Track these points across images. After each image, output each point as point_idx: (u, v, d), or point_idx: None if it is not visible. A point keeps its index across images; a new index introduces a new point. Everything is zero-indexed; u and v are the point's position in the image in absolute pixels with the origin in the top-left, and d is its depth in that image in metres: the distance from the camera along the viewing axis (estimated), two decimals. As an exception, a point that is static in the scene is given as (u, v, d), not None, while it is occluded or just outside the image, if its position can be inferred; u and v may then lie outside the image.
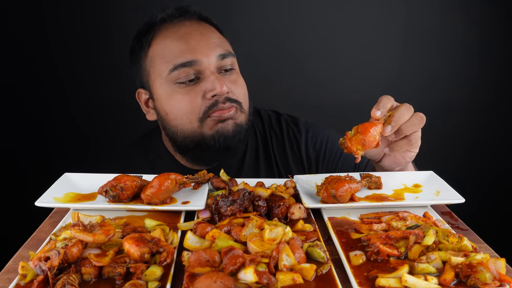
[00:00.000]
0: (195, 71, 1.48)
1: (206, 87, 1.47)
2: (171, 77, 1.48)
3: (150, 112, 1.63)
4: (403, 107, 1.20)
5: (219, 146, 1.51)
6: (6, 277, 0.89)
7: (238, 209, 1.07)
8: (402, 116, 1.18)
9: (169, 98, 1.51)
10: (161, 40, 1.52)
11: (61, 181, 1.24)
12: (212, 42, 1.51)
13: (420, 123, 1.20)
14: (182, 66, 1.47)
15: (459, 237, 0.94)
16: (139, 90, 1.64)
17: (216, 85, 1.45)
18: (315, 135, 1.73)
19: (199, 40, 1.50)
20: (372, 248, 0.92)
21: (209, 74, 1.48)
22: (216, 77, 1.47)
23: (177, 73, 1.48)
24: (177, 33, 1.51)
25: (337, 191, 1.12)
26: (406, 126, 1.19)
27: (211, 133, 1.50)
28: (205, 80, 1.48)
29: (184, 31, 1.52)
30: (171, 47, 1.49)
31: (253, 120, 1.75)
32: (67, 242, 0.86)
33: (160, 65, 1.51)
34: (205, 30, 1.54)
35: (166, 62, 1.49)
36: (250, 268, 0.79)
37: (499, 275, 0.82)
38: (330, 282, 0.83)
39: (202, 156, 1.57)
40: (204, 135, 1.51)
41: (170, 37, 1.51)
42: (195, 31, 1.52)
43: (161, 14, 1.56)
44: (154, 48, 1.53)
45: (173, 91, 1.50)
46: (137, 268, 0.84)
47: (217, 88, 1.45)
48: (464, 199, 1.13)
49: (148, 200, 1.13)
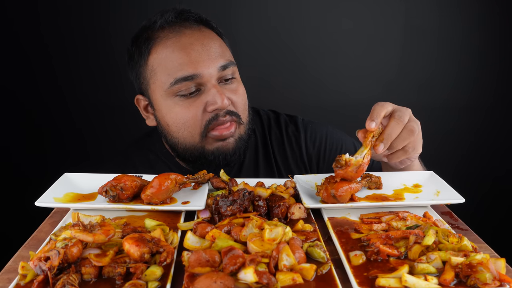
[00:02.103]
0: (196, 83, 1.47)
1: (207, 100, 1.46)
2: (172, 90, 1.47)
3: (150, 117, 1.63)
4: (393, 122, 1.19)
5: (218, 162, 1.52)
6: (6, 277, 0.89)
7: (238, 209, 1.07)
8: (392, 132, 1.18)
9: (170, 111, 1.50)
10: (161, 50, 1.49)
11: (61, 181, 1.24)
12: (213, 52, 1.49)
13: (410, 136, 1.20)
14: (184, 80, 1.45)
15: (459, 237, 0.94)
16: (137, 96, 1.63)
17: (217, 99, 1.45)
18: (314, 132, 1.74)
19: (200, 52, 1.47)
20: (372, 248, 0.92)
21: (210, 87, 1.47)
22: (218, 91, 1.46)
23: (178, 86, 1.46)
24: (178, 43, 1.48)
25: (337, 191, 1.12)
26: (397, 142, 1.20)
27: (212, 149, 1.51)
28: (206, 93, 1.47)
29: (185, 41, 1.49)
30: (172, 58, 1.47)
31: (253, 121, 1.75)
32: (67, 242, 0.86)
33: (161, 77, 1.49)
34: (206, 40, 1.51)
35: (168, 74, 1.47)
36: (250, 268, 0.79)
37: (499, 275, 0.82)
38: (330, 282, 0.84)
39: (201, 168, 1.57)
40: (204, 149, 1.52)
41: (170, 47, 1.48)
42: (196, 41, 1.49)
43: (160, 20, 1.52)
44: (154, 57, 1.51)
45: (174, 103, 1.49)
46: (137, 268, 0.84)
47: (218, 102, 1.45)
48: (464, 199, 1.13)
49: (148, 200, 1.13)
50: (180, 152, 1.57)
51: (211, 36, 1.55)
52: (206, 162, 1.53)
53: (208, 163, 1.53)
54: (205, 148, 1.51)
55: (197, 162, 1.56)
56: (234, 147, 1.52)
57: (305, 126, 1.75)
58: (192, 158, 1.55)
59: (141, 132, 1.84)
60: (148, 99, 1.58)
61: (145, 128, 1.79)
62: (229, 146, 1.51)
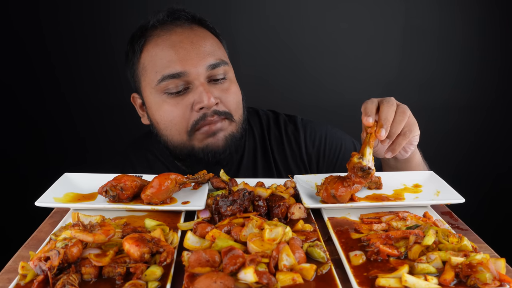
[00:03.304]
0: (184, 82, 1.47)
1: (194, 98, 1.47)
2: (160, 87, 1.48)
3: (145, 116, 1.64)
4: (385, 106, 1.20)
5: (208, 160, 1.52)
6: (6, 277, 0.89)
7: (238, 209, 1.07)
8: (388, 114, 1.19)
9: (158, 108, 1.51)
10: (151, 48, 1.50)
11: (61, 181, 1.24)
12: (202, 51, 1.49)
13: (404, 117, 1.22)
14: (171, 77, 1.46)
15: (459, 237, 0.94)
16: (133, 94, 1.66)
17: (203, 98, 1.44)
18: (313, 132, 1.74)
19: (189, 50, 1.47)
20: (372, 248, 0.92)
21: (198, 85, 1.46)
22: (204, 89, 1.45)
23: (166, 83, 1.47)
24: (167, 41, 1.49)
25: (337, 191, 1.12)
26: (394, 127, 1.21)
27: (201, 147, 1.51)
28: (193, 91, 1.47)
29: (175, 39, 1.49)
30: (160, 56, 1.48)
31: (251, 121, 1.75)
32: (67, 242, 0.86)
33: (150, 74, 1.50)
34: (196, 38, 1.51)
35: (156, 72, 1.48)
36: (250, 268, 0.79)
37: (499, 275, 0.82)
38: (330, 282, 0.84)
39: (193, 166, 1.57)
40: (193, 147, 1.52)
41: (160, 45, 1.49)
42: (186, 39, 1.49)
43: (152, 19, 1.54)
44: (145, 55, 1.52)
45: (162, 101, 1.49)
46: (137, 268, 0.84)
47: (204, 101, 1.44)
48: (464, 199, 1.13)
49: (148, 200, 1.13)
50: (171, 150, 1.57)
51: (203, 35, 1.54)
52: (196, 160, 1.53)
53: (198, 161, 1.53)
54: (194, 146, 1.51)
55: (187, 160, 1.56)
56: (224, 145, 1.51)
57: (304, 125, 1.75)
58: (182, 156, 1.56)
59: (140, 133, 1.84)
60: (141, 97, 1.60)
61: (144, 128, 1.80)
62: (219, 143, 1.51)
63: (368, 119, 1.18)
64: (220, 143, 1.51)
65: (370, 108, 1.20)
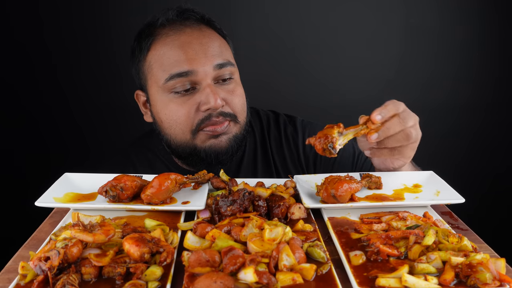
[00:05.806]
0: (191, 81, 1.47)
1: (201, 99, 1.47)
2: (167, 86, 1.48)
3: (148, 113, 1.64)
4: (396, 120, 1.19)
5: (210, 160, 1.52)
6: (6, 277, 0.89)
7: (238, 209, 1.07)
8: (391, 128, 1.18)
9: (164, 107, 1.51)
10: (160, 47, 1.50)
11: (61, 181, 1.24)
12: (210, 51, 1.49)
13: (404, 140, 1.20)
14: (178, 76, 1.46)
15: (459, 237, 0.94)
16: (137, 91, 1.65)
17: (210, 99, 1.44)
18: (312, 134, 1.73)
19: (197, 50, 1.47)
20: (372, 248, 0.92)
21: (205, 86, 1.47)
22: (211, 90, 1.46)
23: (173, 82, 1.47)
24: (176, 41, 1.49)
25: (337, 191, 1.12)
26: (390, 140, 1.20)
27: (204, 147, 1.51)
28: (200, 92, 1.47)
29: (184, 40, 1.49)
30: (169, 55, 1.48)
31: (252, 121, 1.75)
32: (67, 242, 0.86)
33: (157, 72, 1.50)
34: (205, 39, 1.51)
35: (163, 70, 1.48)
36: (250, 268, 0.79)
37: (499, 275, 0.82)
38: (330, 282, 0.84)
39: (195, 165, 1.57)
40: (196, 146, 1.52)
41: (168, 44, 1.49)
42: (195, 40, 1.50)
43: (162, 17, 1.54)
44: (152, 53, 1.52)
45: (169, 100, 1.50)
46: (137, 268, 0.84)
47: (211, 102, 1.44)
48: (464, 199, 1.13)
49: (148, 200, 1.13)
50: (173, 149, 1.57)
51: (212, 36, 1.55)
52: (198, 160, 1.53)
53: (200, 160, 1.53)
54: (197, 145, 1.51)
55: (188, 158, 1.56)
56: (227, 146, 1.52)
57: (303, 127, 1.75)
58: (185, 155, 1.56)
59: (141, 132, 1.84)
60: (146, 95, 1.59)
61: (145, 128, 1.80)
62: (222, 144, 1.51)
63: (377, 116, 1.16)
64: (223, 144, 1.51)
65: (389, 109, 1.18)
